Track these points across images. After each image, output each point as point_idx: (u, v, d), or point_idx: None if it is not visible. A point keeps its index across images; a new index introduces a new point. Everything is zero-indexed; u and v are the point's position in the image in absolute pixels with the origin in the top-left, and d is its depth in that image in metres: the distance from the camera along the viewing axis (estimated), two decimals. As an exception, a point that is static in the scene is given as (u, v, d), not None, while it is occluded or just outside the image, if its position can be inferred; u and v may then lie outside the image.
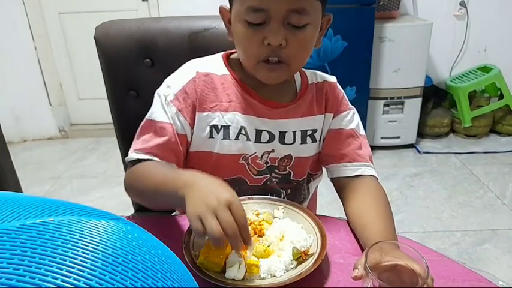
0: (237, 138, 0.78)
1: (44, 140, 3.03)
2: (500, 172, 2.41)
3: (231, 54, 0.84)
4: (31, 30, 2.78)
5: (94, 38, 1.00)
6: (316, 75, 0.86)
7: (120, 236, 0.27)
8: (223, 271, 0.60)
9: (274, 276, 0.60)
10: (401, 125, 2.63)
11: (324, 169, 0.90)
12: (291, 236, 0.67)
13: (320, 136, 0.84)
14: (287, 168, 0.84)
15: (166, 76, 0.82)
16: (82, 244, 0.25)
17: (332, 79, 0.86)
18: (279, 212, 0.73)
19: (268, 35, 0.68)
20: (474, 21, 2.77)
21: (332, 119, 0.84)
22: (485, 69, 2.75)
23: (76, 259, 0.23)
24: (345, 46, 2.25)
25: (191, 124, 0.78)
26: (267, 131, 0.80)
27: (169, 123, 0.76)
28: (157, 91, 0.80)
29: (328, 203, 1.21)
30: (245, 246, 0.57)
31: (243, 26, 0.69)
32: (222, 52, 0.84)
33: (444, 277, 0.60)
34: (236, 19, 0.71)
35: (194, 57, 0.84)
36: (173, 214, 0.89)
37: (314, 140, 0.83)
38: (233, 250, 0.63)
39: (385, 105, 2.59)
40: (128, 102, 1.04)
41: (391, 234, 0.67)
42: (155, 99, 0.79)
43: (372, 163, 0.83)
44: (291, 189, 0.86)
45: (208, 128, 0.78)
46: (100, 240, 0.26)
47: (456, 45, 2.84)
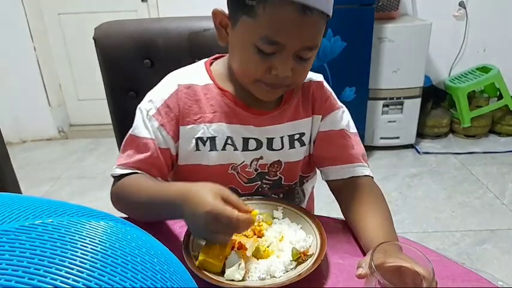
0: (224, 148, 0.78)
1: (43, 141, 3.03)
2: (499, 172, 2.41)
3: (214, 59, 0.82)
4: (30, 30, 2.77)
5: (93, 39, 1.00)
6: None
7: (119, 237, 0.27)
8: (222, 272, 0.60)
9: (273, 276, 0.60)
10: (400, 126, 2.63)
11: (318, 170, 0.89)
12: (291, 237, 0.67)
13: (309, 139, 0.83)
14: (277, 173, 0.83)
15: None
16: (81, 245, 0.25)
17: (318, 78, 0.84)
18: (279, 213, 0.73)
19: (277, 66, 0.67)
20: (473, 21, 2.77)
21: (321, 121, 0.82)
22: (484, 69, 2.75)
23: (75, 260, 0.23)
24: (344, 46, 2.25)
25: (174, 138, 0.77)
26: (254, 139, 0.78)
27: (150, 138, 0.75)
28: (139, 106, 0.79)
29: (327, 203, 1.20)
30: (249, 223, 0.59)
31: (251, 51, 0.67)
32: (205, 59, 0.83)
33: (444, 277, 0.60)
34: (244, 41, 0.68)
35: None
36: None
37: (303, 144, 0.82)
38: (233, 251, 0.63)
39: (385, 105, 2.59)
40: (128, 102, 1.04)
41: (392, 234, 0.67)
42: (137, 114, 0.78)
43: (366, 161, 0.81)
44: (284, 193, 0.86)
45: (193, 141, 0.77)
46: (99, 241, 0.26)
47: (455, 45, 2.84)
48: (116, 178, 0.76)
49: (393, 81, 2.52)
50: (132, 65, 1.01)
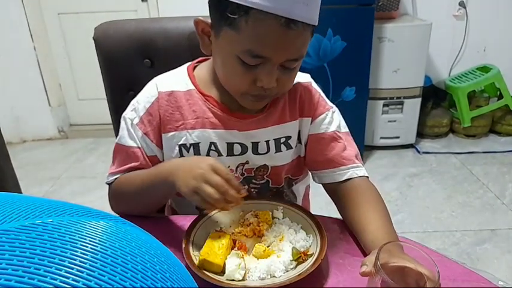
0: (208, 154, 0.77)
1: (44, 141, 3.03)
2: (499, 172, 2.41)
3: (198, 63, 0.82)
4: (30, 30, 2.77)
5: (93, 39, 1.00)
6: None
7: (119, 237, 0.27)
8: (222, 272, 0.60)
9: (273, 276, 0.60)
10: (400, 125, 2.63)
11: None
12: (291, 237, 0.67)
13: (296, 142, 0.82)
14: (264, 177, 0.82)
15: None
16: (81, 245, 0.25)
17: (306, 79, 0.82)
18: (279, 213, 0.73)
19: (262, 78, 0.66)
20: (473, 21, 2.77)
21: (311, 124, 0.80)
22: (484, 69, 2.75)
23: (75, 260, 0.23)
24: (345, 46, 2.25)
25: (159, 146, 0.78)
26: (239, 143, 0.77)
27: (137, 147, 0.76)
28: (123, 115, 0.79)
29: (327, 203, 1.20)
30: (237, 199, 0.63)
31: (235, 62, 0.66)
32: (188, 63, 0.82)
33: (444, 277, 0.60)
34: (226, 52, 0.67)
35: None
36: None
37: (289, 147, 0.81)
38: (233, 250, 0.63)
39: (385, 105, 2.59)
40: (127, 102, 1.03)
41: (392, 234, 0.66)
42: (121, 123, 0.79)
43: (360, 161, 0.80)
44: (272, 196, 0.85)
45: (177, 148, 0.77)
46: (99, 241, 0.26)
47: (455, 45, 2.84)
48: (110, 186, 0.79)
49: (393, 81, 2.52)
50: (132, 65, 1.01)
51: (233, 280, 0.59)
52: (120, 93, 1.04)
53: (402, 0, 2.66)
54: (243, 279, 0.60)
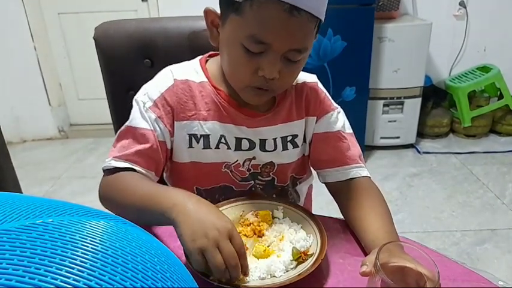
0: (218, 147, 0.77)
1: (44, 140, 3.03)
2: (499, 172, 2.41)
3: (209, 57, 0.82)
4: (31, 30, 2.77)
5: (93, 38, 1.00)
6: None
7: (119, 237, 0.27)
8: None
9: (274, 276, 0.60)
10: (400, 125, 2.63)
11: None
12: (291, 236, 0.67)
13: (302, 141, 0.82)
14: (270, 174, 0.82)
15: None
16: (81, 245, 0.25)
17: (312, 79, 0.83)
18: (279, 212, 0.73)
19: (264, 67, 0.66)
20: (474, 21, 2.77)
21: (316, 123, 0.81)
22: (484, 69, 2.75)
23: (75, 260, 0.23)
24: (345, 46, 2.25)
25: (171, 132, 0.76)
26: (247, 139, 0.78)
27: (150, 129, 0.73)
28: (135, 98, 0.77)
29: (328, 203, 1.20)
30: (239, 279, 0.57)
31: (239, 50, 0.66)
32: (200, 56, 0.82)
33: (444, 277, 0.60)
34: (231, 39, 0.67)
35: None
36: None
37: (295, 146, 0.81)
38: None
39: (385, 105, 2.59)
40: (128, 102, 1.03)
41: (393, 234, 0.67)
42: (134, 106, 0.76)
43: (363, 162, 0.81)
44: (276, 194, 0.85)
45: (187, 137, 0.77)
46: (99, 240, 0.26)
47: (456, 45, 2.84)
48: (107, 171, 0.73)
49: (393, 81, 2.52)
50: (132, 65, 1.01)
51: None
52: (120, 93, 1.04)
53: (402, 0, 2.66)
54: (243, 279, 0.59)
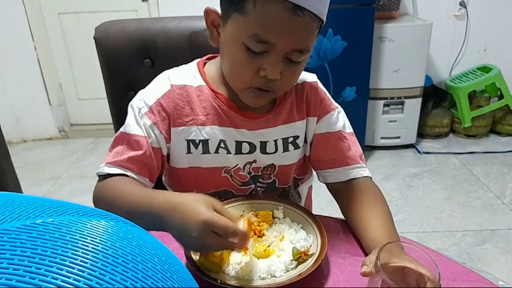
0: (217, 151, 0.76)
1: (44, 140, 3.03)
2: (500, 172, 2.41)
3: (207, 60, 0.81)
4: (31, 30, 2.78)
5: (94, 38, 1.00)
6: None
7: (120, 236, 0.27)
8: (223, 271, 0.60)
9: (274, 276, 0.60)
10: (401, 125, 2.63)
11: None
12: (291, 236, 0.67)
13: (303, 141, 0.82)
14: (271, 176, 0.82)
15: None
16: (82, 244, 0.25)
17: (312, 79, 0.82)
18: (279, 212, 0.73)
19: (266, 67, 0.65)
20: (474, 21, 2.77)
21: (316, 123, 0.81)
22: (485, 69, 2.75)
23: (76, 259, 0.23)
24: (345, 46, 2.25)
25: (167, 138, 0.75)
26: (247, 142, 0.77)
27: (143, 136, 0.73)
28: (130, 103, 0.77)
29: (328, 203, 1.21)
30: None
31: (240, 50, 0.65)
32: (198, 60, 0.81)
33: (444, 277, 0.60)
34: (233, 39, 0.66)
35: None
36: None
37: (297, 147, 0.81)
38: (233, 251, 0.62)
39: (385, 105, 2.59)
40: (128, 102, 1.04)
41: (394, 234, 0.67)
42: (129, 111, 0.76)
43: (364, 162, 0.80)
44: (278, 196, 0.85)
45: (185, 143, 0.76)
46: (100, 240, 0.26)
47: (456, 45, 2.84)
48: (101, 177, 0.73)
49: (394, 81, 2.52)
50: (133, 65, 1.01)
51: (233, 279, 0.59)
52: (120, 93, 1.04)
53: (403, 0, 2.66)
54: (243, 279, 0.60)
